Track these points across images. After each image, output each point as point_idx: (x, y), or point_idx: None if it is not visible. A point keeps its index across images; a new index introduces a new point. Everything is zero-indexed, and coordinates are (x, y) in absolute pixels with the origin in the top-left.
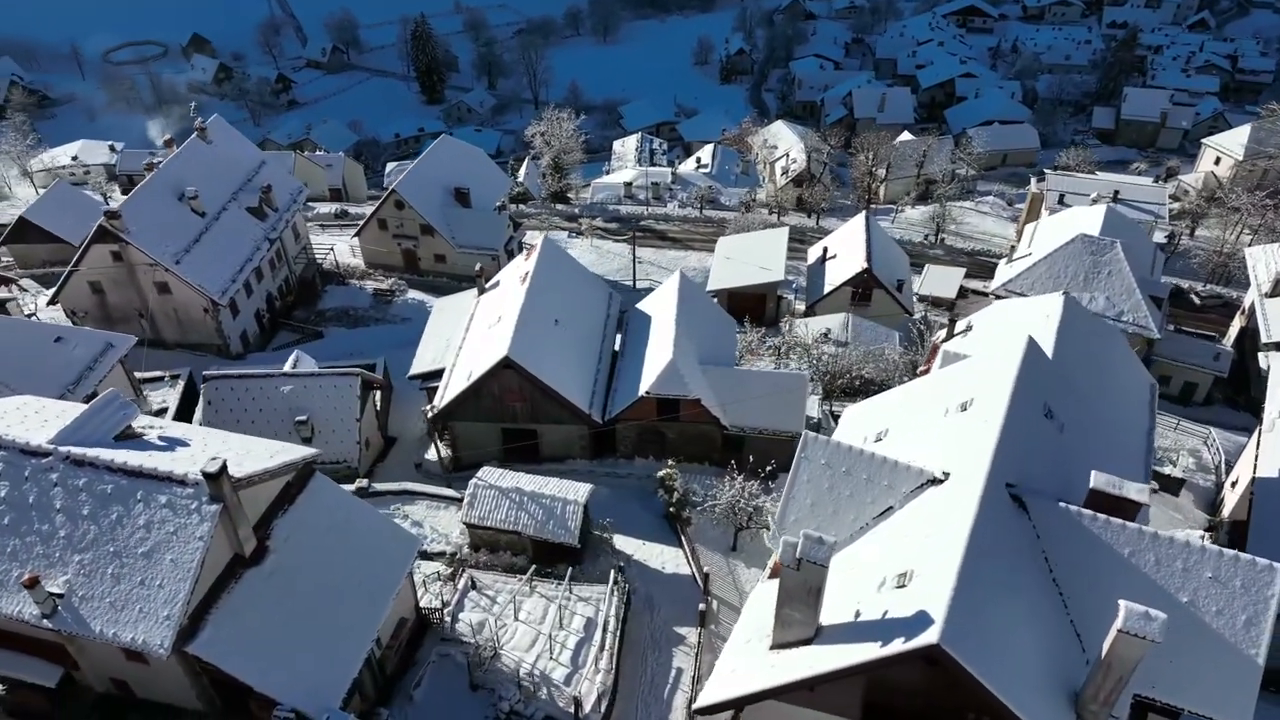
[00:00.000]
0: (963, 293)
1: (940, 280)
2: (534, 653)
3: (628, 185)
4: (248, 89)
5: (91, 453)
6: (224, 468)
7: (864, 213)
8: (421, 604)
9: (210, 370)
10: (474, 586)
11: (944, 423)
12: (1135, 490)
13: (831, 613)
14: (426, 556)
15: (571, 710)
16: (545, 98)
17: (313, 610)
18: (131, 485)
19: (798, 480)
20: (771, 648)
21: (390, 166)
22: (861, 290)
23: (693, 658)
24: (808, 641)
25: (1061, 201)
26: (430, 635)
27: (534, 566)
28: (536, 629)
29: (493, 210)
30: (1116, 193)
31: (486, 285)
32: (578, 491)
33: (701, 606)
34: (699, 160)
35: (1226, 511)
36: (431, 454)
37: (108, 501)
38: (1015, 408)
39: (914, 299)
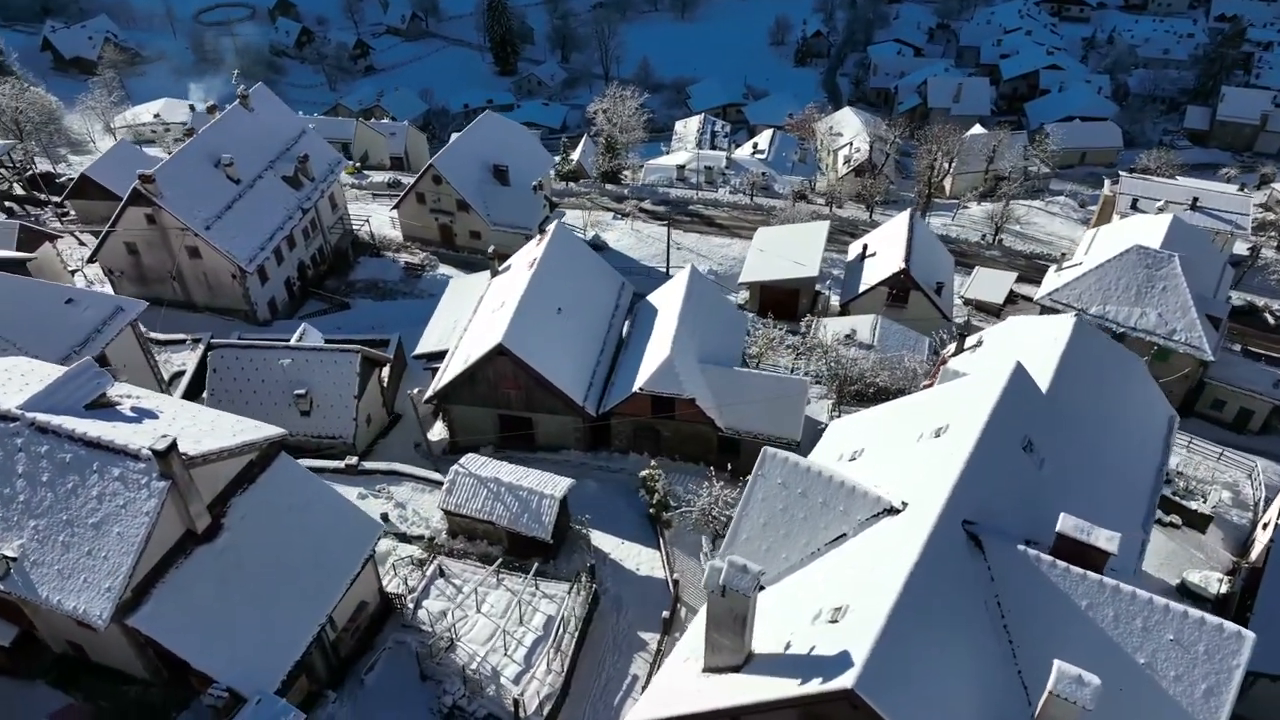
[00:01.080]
0: (1013, 298)
1: (989, 284)
2: (490, 647)
3: (680, 168)
4: (326, 54)
5: (56, 420)
6: (173, 445)
7: (909, 210)
8: (389, 588)
9: (217, 339)
10: (442, 574)
11: (916, 448)
12: (1104, 538)
13: (765, 640)
14: (405, 539)
15: (513, 710)
16: (616, 74)
17: (262, 590)
18: (89, 456)
19: (752, 498)
20: (703, 670)
21: (455, 137)
22: (898, 291)
23: (650, 665)
24: (737, 668)
25: (1134, 206)
26: (392, 620)
27: (500, 560)
28: (497, 623)
29: (530, 189)
30: (1195, 200)
31: (500, 268)
32: (556, 486)
33: (666, 613)
34: (756, 146)
35: (1254, 554)
36: (432, 434)
37: (65, 470)
38: (988, 439)
39: (956, 303)
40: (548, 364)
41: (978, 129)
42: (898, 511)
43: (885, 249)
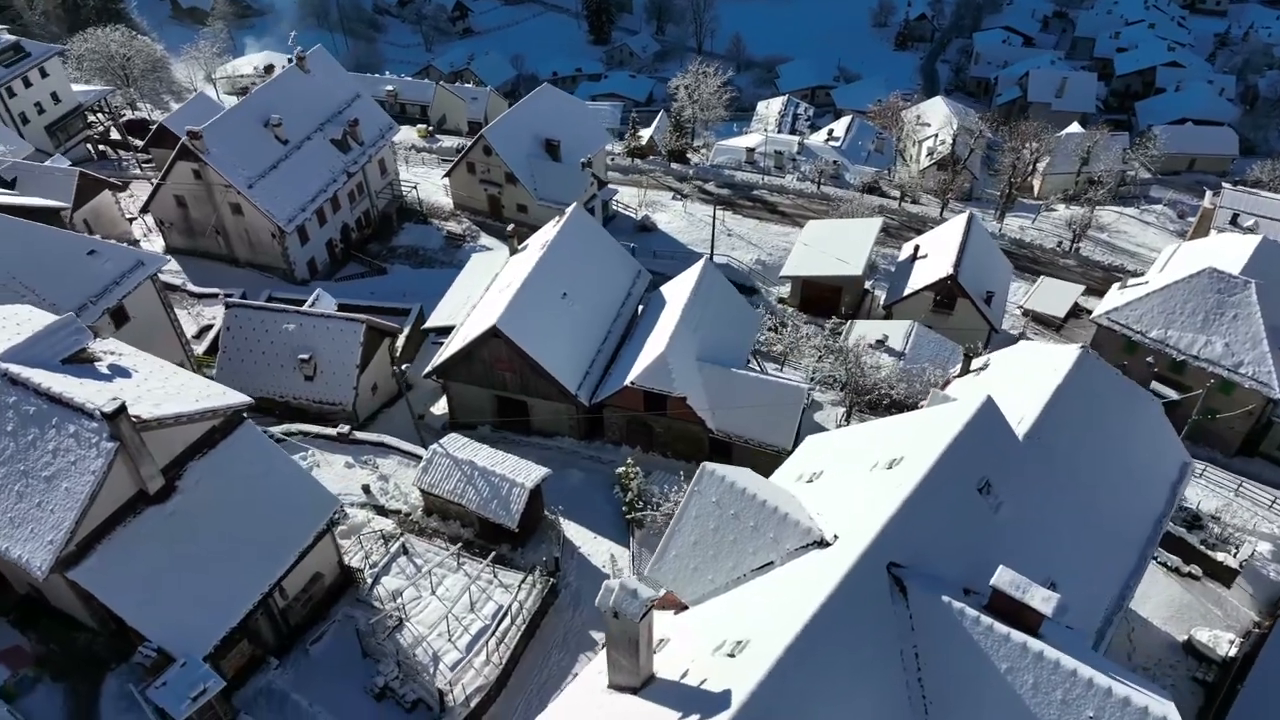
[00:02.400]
0: (1077, 312)
1: (1051, 296)
2: (437, 631)
3: (750, 151)
4: (425, 14)
5: (26, 373)
6: (121, 408)
7: (968, 212)
8: (354, 562)
9: (248, 296)
10: (405, 552)
11: (867, 478)
12: (1040, 598)
13: (670, 665)
14: (382, 512)
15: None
16: (710, 48)
17: (209, 554)
18: (50, 410)
19: (686, 514)
20: (608, 686)
21: (509, 108)
22: (943, 297)
23: None
24: (635, 690)
25: (1234, 222)
26: (350, 594)
27: (461, 543)
28: (448, 607)
29: (578, 165)
30: None
31: (519, 246)
32: (529, 475)
33: None
34: (831, 132)
35: None
36: (437, 409)
37: (28, 422)
38: (938, 476)
39: (1015, 313)
40: (543, 350)
41: (1075, 127)
42: (827, 545)
43: (937, 252)
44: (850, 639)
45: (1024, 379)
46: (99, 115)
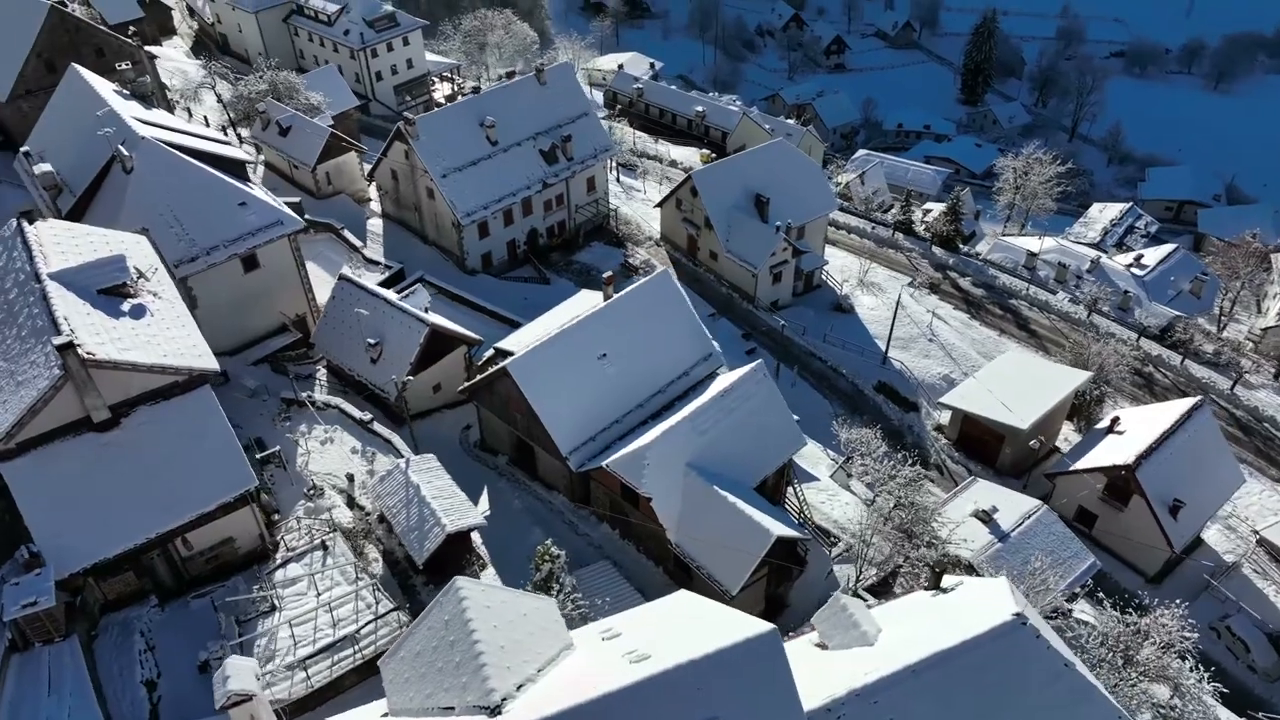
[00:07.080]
0: None
1: None
2: (291, 633)
3: (1031, 255)
4: (802, 42)
5: (57, 292)
6: (69, 345)
7: (1198, 399)
8: (285, 540)
9: (347, 272)
10: (324, 548)
11: (616, 661)
12: None
13: None
14: (351, 504)
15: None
16: (1084, 132)
17: (121, 490)
18: (46, 328)
19: (424, 622)
20: None
21: (860, 154)
22: (1113, 490)
23: None
24: None
25: None
26: (257, 567)
27: (355, 561)
28: (314, 614)
29: (773, 227)
30: None
31: (612, 293)
32: (457, 519)
33: None
34: (1139, 258)
35: None
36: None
37: (33, 333)
38: (650, 693)
39: (1237, 534)
40: (549, 403)
41: None
42: (496, 713)
43: (1135, 432)
44: None
45: (964, 627)
46: (441, 83)
